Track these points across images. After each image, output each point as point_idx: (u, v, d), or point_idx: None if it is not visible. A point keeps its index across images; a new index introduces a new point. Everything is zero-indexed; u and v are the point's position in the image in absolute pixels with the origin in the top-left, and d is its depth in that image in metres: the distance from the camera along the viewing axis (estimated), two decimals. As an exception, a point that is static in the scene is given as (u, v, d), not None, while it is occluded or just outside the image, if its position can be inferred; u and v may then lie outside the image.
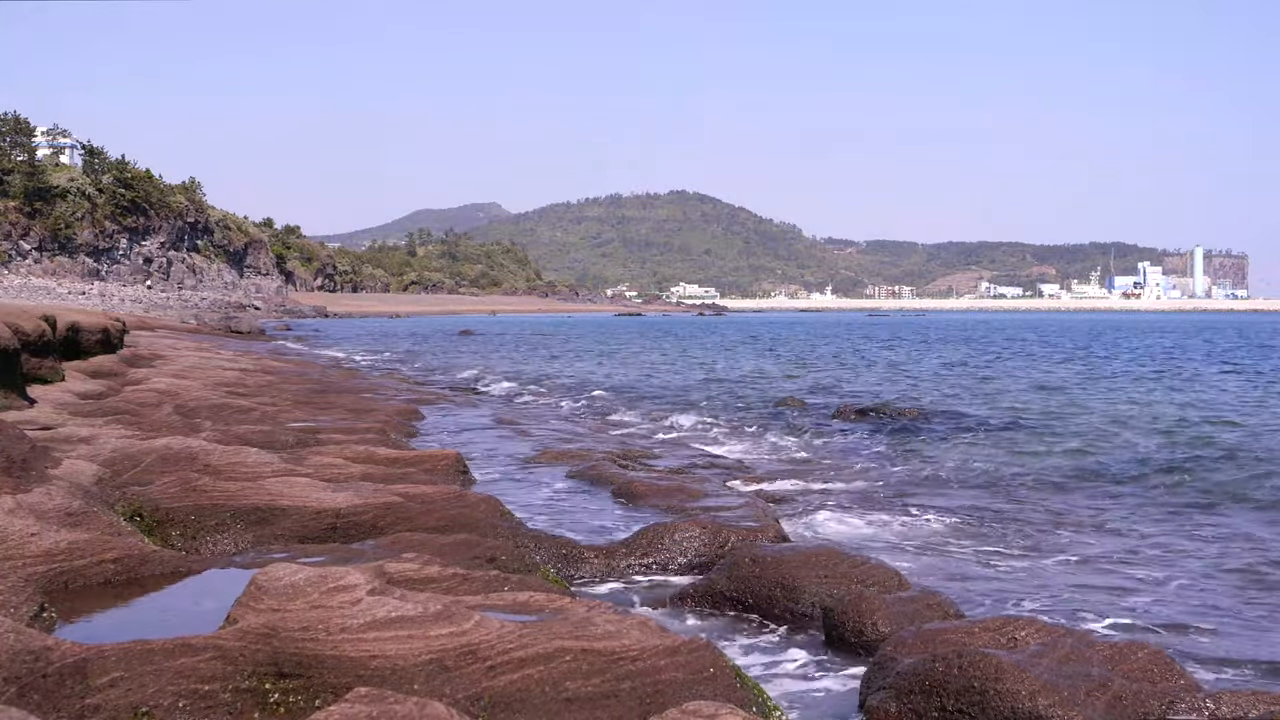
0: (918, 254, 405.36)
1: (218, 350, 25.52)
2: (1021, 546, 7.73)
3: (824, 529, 8.19)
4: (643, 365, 30.56)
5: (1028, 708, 3.95)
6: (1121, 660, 4.30)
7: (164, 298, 75.11)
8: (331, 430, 10.99)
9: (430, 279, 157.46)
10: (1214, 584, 6.74)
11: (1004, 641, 4.61)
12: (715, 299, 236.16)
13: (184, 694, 3.47)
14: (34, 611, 4.26)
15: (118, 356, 16.97)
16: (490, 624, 3.88)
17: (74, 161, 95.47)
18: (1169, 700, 3.98)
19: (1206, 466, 10.99)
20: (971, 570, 7.00)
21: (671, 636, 4.06)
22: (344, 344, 41.43)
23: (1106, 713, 3.95)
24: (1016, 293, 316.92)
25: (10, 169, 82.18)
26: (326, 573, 4.06)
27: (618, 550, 6.78)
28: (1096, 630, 5.55)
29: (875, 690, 4.43)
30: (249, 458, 7.93)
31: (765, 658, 5.16)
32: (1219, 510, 8.95)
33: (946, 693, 4.16)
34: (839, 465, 11.38)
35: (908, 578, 6.04)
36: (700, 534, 6.89)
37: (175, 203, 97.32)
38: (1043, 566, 7.13)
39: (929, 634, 4.74)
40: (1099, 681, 4.09)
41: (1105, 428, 14.80)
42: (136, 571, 5.04)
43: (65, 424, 9.25)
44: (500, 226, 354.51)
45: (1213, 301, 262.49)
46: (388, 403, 15.98)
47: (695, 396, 19.86)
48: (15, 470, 5.79)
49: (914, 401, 18.14)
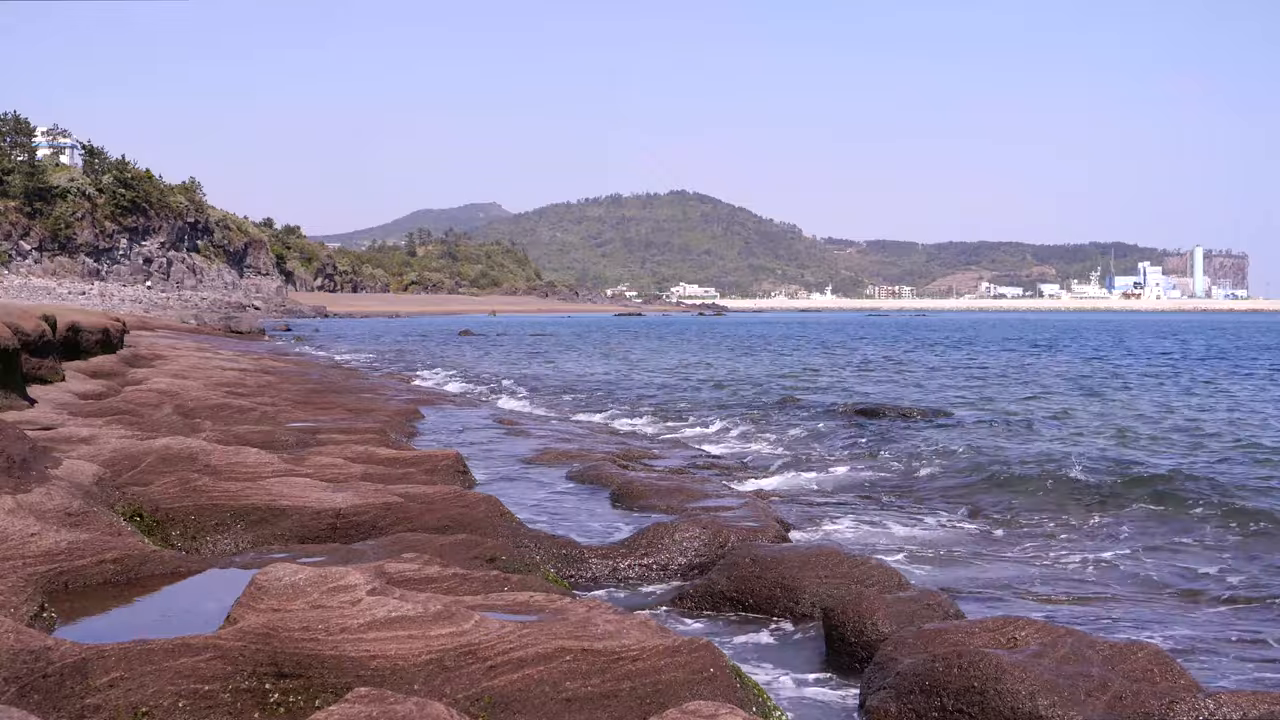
0: (918, 254, 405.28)
1: (217, 350, 25.52)
2: (1024, 548, 7.73)
3: (825, 528, 8.18)
4: (642, 366, 30.55)
5: (1028, 708, 3.95)
6: (1121, 660, 4.30)
7: (164, 298, 75.12)
8: (331, 430, 10.99)
9: (430, 279, 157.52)
10: (1218, 600, 6.73)
11: (1004, 641, 4.60)
12: (715, 299, 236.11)
13: (184, 694, 3.47)
14: (34, 611, 4.26)
15: (118, 356, 16.97)
16: (490, 624, 3.88)
17: (74, 161, 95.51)
18: (1169, 700, 3.98)
19: (1230, 475, 10.65)
20: (972, 571, 7.00)
21: (672, 636, 4.06)
22: (343, 344, 41.45)
23: (1106, 713, 3.95)
24: (1016, 293, 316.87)
25: (10, 169, 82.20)
26: (326, 573, 4.06)
27: (617, 550, 6.77)
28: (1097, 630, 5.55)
29: (875, 690, 4.43)
30: (249, 458, 7.93)
31: (765, 658, 5.16)
32: (1229, 521, 8.80)
33: (947, 693, 4.15)
34: (839, 464, 11.38)
35: (907, 578, 6.04)
36: (700, 534, 6.89)
37: (175, 203, 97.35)
38: (1043, 567, 7.13)
39: (929, 634, 4.74)
40: (1099, 681, 4.09)
41: (1117, 430, 14.80)
42: (136, 572, 5.04)
43: (65, 424, 9.25)
44: (500, 226, 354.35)
45: (1213, 301, 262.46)
46: (387, 403, 15.98)
47: (695, 397, 19.85)
48: (15, 470, 5.79)
49: (916, 401, 18.14)
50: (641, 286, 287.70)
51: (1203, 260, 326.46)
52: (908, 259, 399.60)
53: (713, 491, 8.82)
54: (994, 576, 6.81)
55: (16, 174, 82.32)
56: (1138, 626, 5.73)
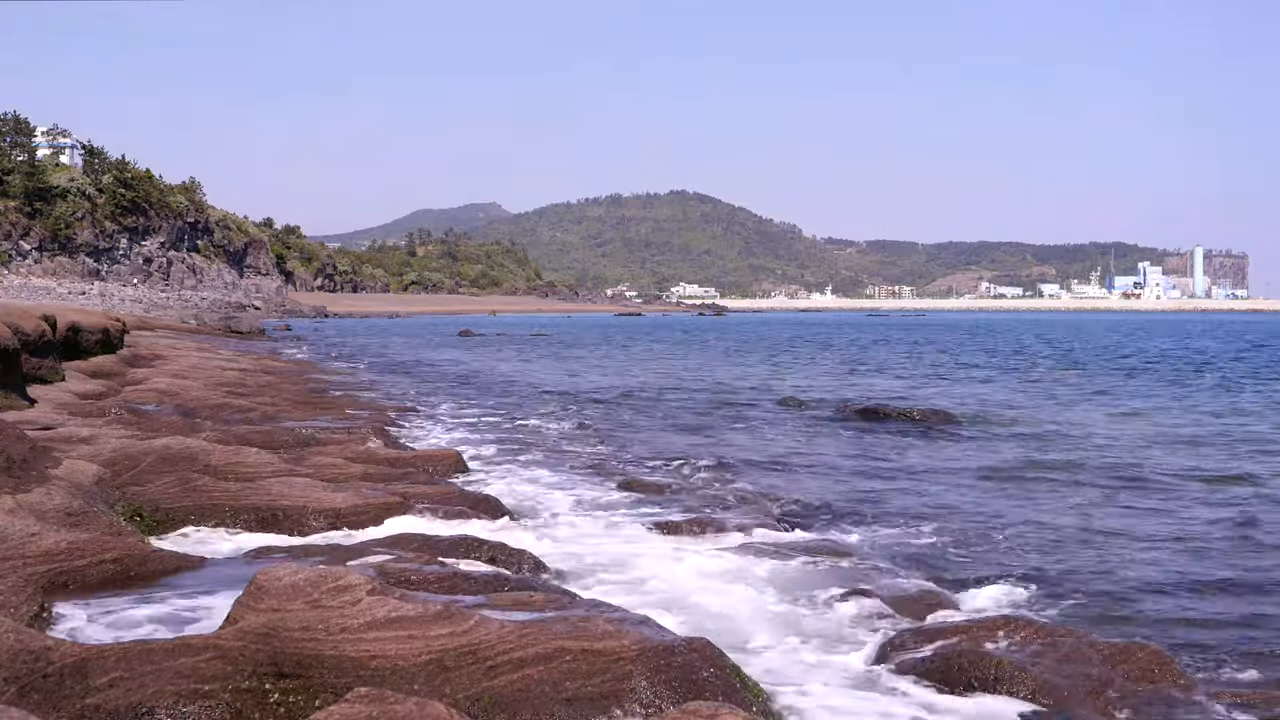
0: (918, 254, 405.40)
1: (218, 350, 25.53)
2: (1025, 550, 7.72)
3: (826, 527, 8.18)
4: (639, 365, 30.57)
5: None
6: (1121, 660, 4.30)
7: (164, 298, 75.12)
8: (331, 430, 10.99)
9: (430, 279, 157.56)
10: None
11: (1004, 641, 4.61)
12: (715, 299, 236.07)
13: (184, 694, 3.47)
14: (34, 611, 4.26)
15: (118, 356, 16.97)
16: (490, 624, 3.88)
17: (74, 161, 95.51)
18: (1169, 700, 3.98)
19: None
20: (973, 570, 6.99)
21: (671, 636, 4.06)
22: (343, 343, 41.46)
23: (1107, 713, 3.95)
24: (1016, 293, 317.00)
25: (10, 169, 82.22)
26: (326, 573, 4.07)
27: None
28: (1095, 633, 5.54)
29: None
30: (249, 458, 7.94)
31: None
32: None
33: (947, 691, 4.16)
34: (840, 464, 11.37)
35: (904, 580, 6.02)
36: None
37: (175, 203, 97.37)
38: (1043, 568, 7.12)
39: (929, 631, 4.75)
40: (1099, 681, 4.09)
41: (1130, 434, 14.80)
42: (136, 571, 5.04)
43: (65, 424, 9.25)
44: (500, 226, 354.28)
45: (1213, 301, 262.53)
46: (388, 402, 15.99)
47: (697, 398, 19.85)
48: (15, 470, 5.79)
49: (914, 402, 18.14)
50: (641, 286, 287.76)
51: (1203, 260, 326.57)
52: (908, 259, 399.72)
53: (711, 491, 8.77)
54: (995, 578, 6.79)
55: (16, 174, 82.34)
56: (1137, 625, 5.71)
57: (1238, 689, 4.36)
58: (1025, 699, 4.01)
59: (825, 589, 5.80)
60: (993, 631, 4.69)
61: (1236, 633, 5.46)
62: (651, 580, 5.99)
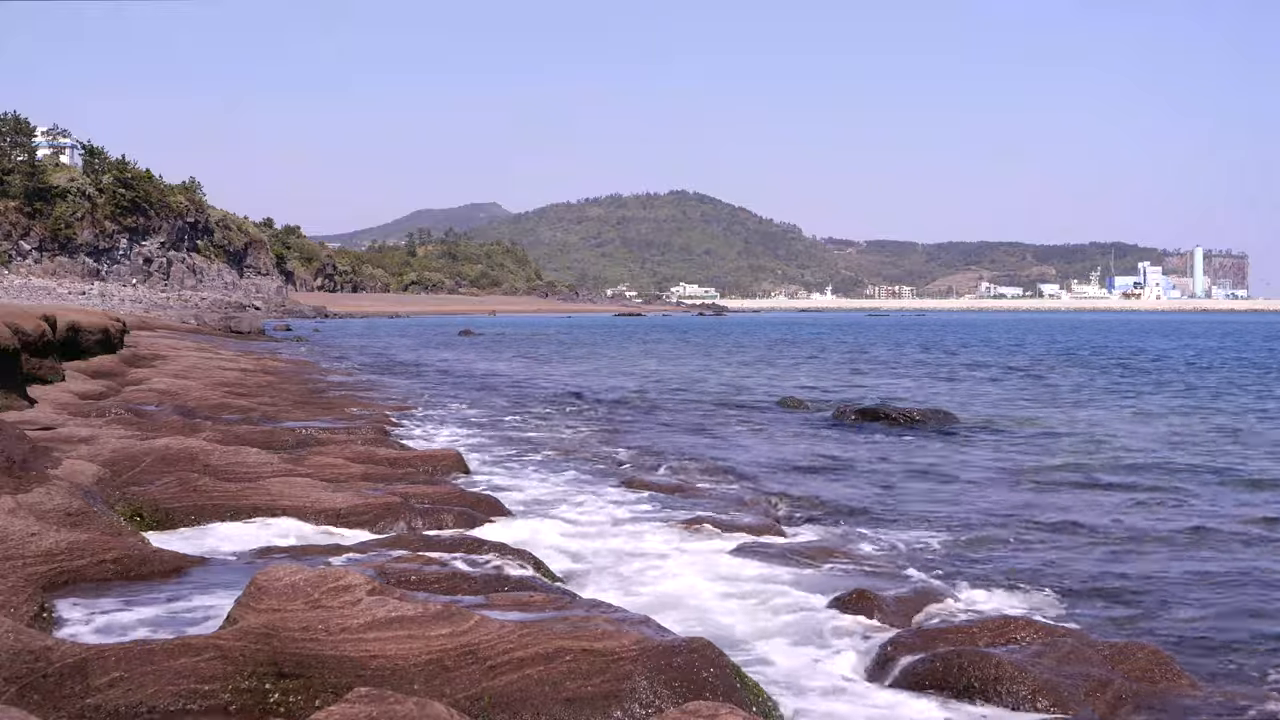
0: (918, 254, 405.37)
1: (218, 350, 25.52)
2: (1025, 551, 7.73)
3: (827, 528, 8.18)
4: (639, 366, 30.58)
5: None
6: (1121, 660, 4.30)
7: (164, 298, 75.12)
8: (331, 430, 10.99)
9: (430, 279, 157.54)
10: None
11: (1004, 641, 4.61)
12: (715, 299, 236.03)
13: (184, 694, 3.47)
14: (34, 611, 4.26)
15: (118, 356, 16.97)
16: (490, 624, 3.88)
17: (74, 161, 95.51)
18: (1169, 700, 3.98)
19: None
20: (974, 571, 6.99)
21: (671, 636, 4.06)
22: (343, 343, 41.45)
23: (1106, 713, 3.95)
24: (1016, 293, 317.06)
25: (10, 169, 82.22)
26: (326, 573, 4.07)
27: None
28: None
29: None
30: (249, 458, 7.94)
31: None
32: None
33: (948, 692, 4.16)
34: (842, 465, 11.37)
35: (906, 580, 6.03)
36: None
37: (175, 203, 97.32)
38: (1043, 568, 7.12)
39: (930, 633, 4.75)
40: (1099, 681, 4.09)
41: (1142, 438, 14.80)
42: (137, 571, 5.04)
43: (65, 424, 9.25)
44: (500, 226, 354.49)
45: (1213, 301, 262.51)
46: (388, 402, 15.99)
47: (695, 399, 19.85)
48: (15, 470, 5.79)
49: (914, 402, 18.15)
50: (641, 286, 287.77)
51: (1203, 260, 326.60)
52: (908, 259, 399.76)
53: (710, 491, 8.80)
54: (997, 576, 6.80)
55: (16, 174, 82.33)
56: (1137, 624, 5.72)
57: (1238, 689, 4.36)
58: (1025, 699, 4.01)
59: (827, 589, 5.79)
60: (993, 632, 4.69)
61: (1237, 633, 5.47)
62: (652, 580, 5.98)
